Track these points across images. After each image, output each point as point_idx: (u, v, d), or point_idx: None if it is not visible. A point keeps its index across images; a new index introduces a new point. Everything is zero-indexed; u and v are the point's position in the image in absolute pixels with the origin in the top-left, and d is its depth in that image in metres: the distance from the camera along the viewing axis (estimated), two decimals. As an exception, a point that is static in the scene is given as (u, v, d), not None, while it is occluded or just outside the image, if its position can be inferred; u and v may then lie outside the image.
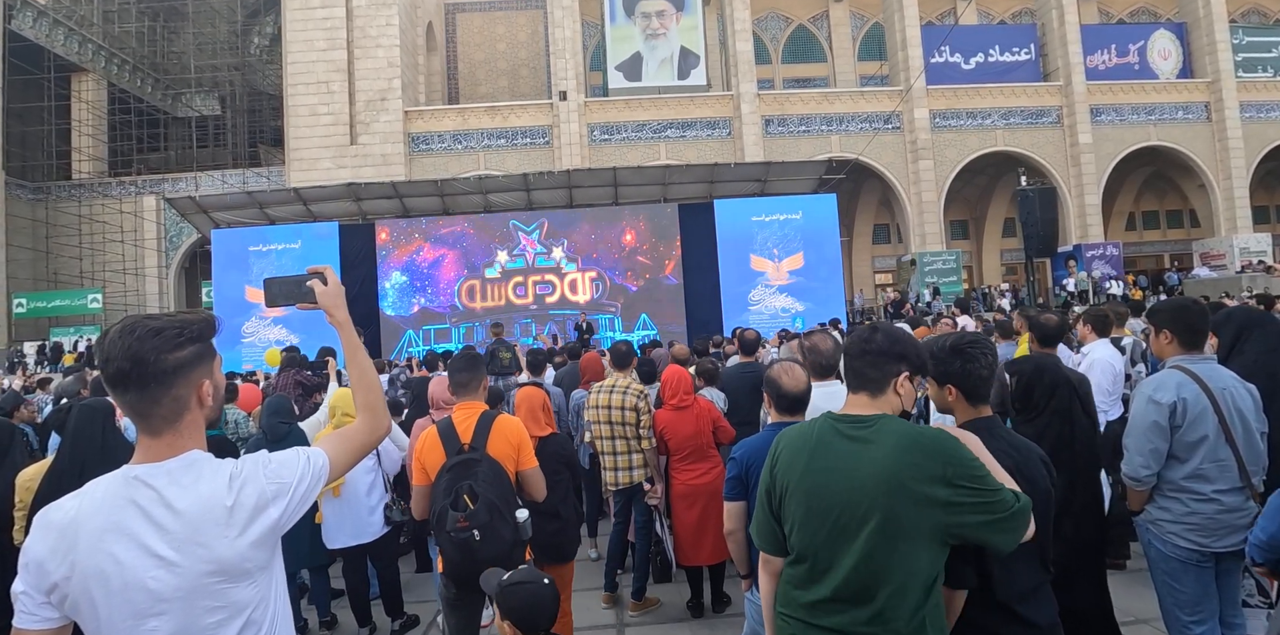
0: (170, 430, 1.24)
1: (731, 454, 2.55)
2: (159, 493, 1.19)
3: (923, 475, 1.56)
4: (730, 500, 2.49)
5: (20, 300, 23.27)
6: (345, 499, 4.08)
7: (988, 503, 1.57)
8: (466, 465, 2.69)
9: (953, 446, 1.61)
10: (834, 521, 1.62)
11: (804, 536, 1.67)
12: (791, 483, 1.71)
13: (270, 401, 4.58)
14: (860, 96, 25.10)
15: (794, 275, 16.42)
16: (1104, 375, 4.55)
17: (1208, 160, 25.43)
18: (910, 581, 1.57)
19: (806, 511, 1.67)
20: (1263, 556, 2.04)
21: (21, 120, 25.09)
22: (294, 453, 1.36)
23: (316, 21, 23.46)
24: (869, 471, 1.60)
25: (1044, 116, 25.06)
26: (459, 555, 2.59)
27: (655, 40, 25.11)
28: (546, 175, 16.81)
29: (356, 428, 1.52)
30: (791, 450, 1.75)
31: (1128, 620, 3.69)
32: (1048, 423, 2.51)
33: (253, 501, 1.24)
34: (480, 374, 3.04)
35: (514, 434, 2.85)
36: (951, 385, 1.96)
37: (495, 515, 2.59)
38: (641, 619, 4.23)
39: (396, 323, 16.51)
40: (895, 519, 1.56)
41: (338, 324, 1.57)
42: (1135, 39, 26.07)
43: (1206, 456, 2.46)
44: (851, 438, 1.67)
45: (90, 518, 1.17)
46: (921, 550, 1.57)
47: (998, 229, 30.51)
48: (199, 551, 1.18)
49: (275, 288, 1.60)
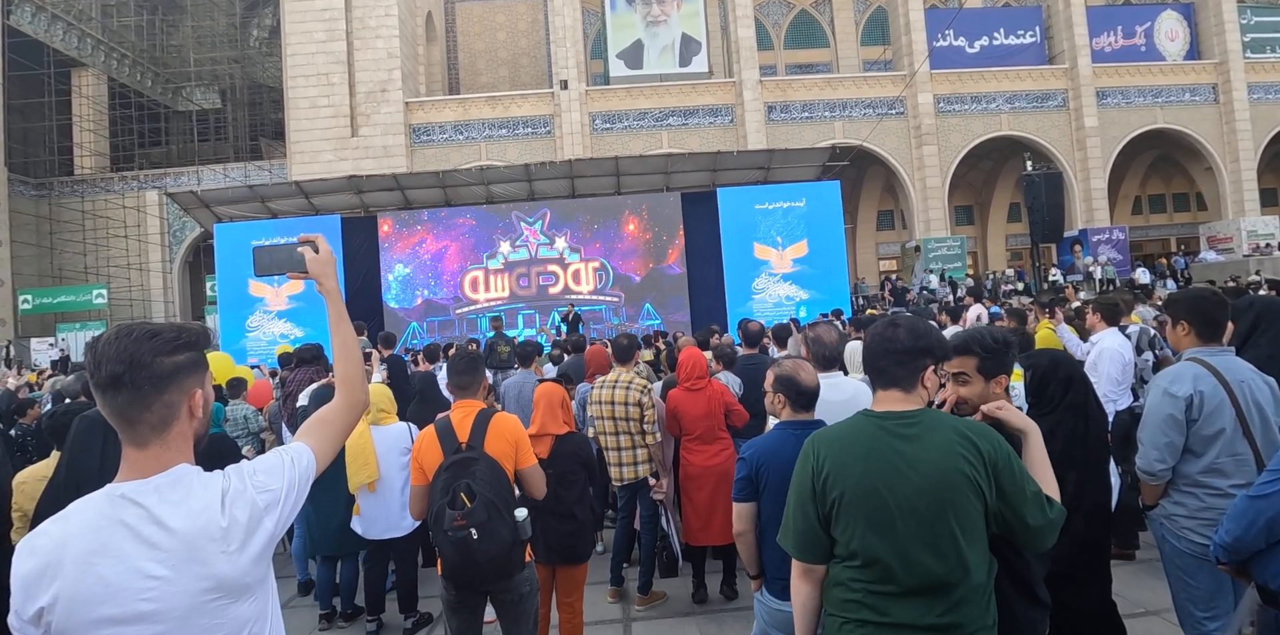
0: (158, 441, 1.20)
1: (740, 454, 2.50)
2: (148, 511, 1.15)
3: (977, 464, 1.62)
4: (741, 502, 2.43)
5: (26, 297, 23.32)
6: (380, 494, 4.10)
7: (1023, 492, 1.64)
8: (463, 464, 2.65)
9: (995, 435, 1.69)
10: (905, 521, 1.61)
11: (871, 540, 1.63)
12: (848, 489, 1.66)
13: (315, 392, 4.73)
14: (864, 82, 24.86)
15: (798, 263, 16.33)
16: (1113, 364, 4.50)
17: (1215, 142, 25.17)
18: (978, 569, 1.62)
19: (871, 515, 1.63)
20: (1227, 557, 2.03)
21: (23, 116, 25.05)
22: (277, 457, 1.32)
23: (315, 13, 23.30)
24: (929, 468, 1.62)
25: (1049, 100, 24.80)
26: (457, 555, 2.55)
27: (656, 27, 24.89)
28: (548, 165, 16.74)
29: (334, 407, 1.49)
30: (841, 455, 1.70)
31: (1138, 612, 3.67)
32: (1061, 418, 2.46)
33: (246, 516, 1.20)
34: (480, 375, 3.02)
35: (511, 432, 2.81)
36: (1004, 375, 2.06)
37: (493, 514, 2.55)
38: (648, 613, 4.22)
39: (400, 315, 16.51)
40: (964, 511, 1.61)
41: (326, 292, 1.55)
42: (1142, 20, 25.72)
43: (1223, 450, 2.41)
44: (903, 436, 1.66)
45: (75, 541, 1.12)
46: (984, 538, 1.64)
47: (1003, 214, 30.32)
48: (196, 569, 1.15)
49: (265, 257, 1.57)
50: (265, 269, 1.57)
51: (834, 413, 2.77)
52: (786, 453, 2.37)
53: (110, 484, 1.20)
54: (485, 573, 2.60)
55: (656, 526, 4.40)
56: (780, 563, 2.34)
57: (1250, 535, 1.93)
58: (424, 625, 4.28)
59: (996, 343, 2.08)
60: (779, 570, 2.35)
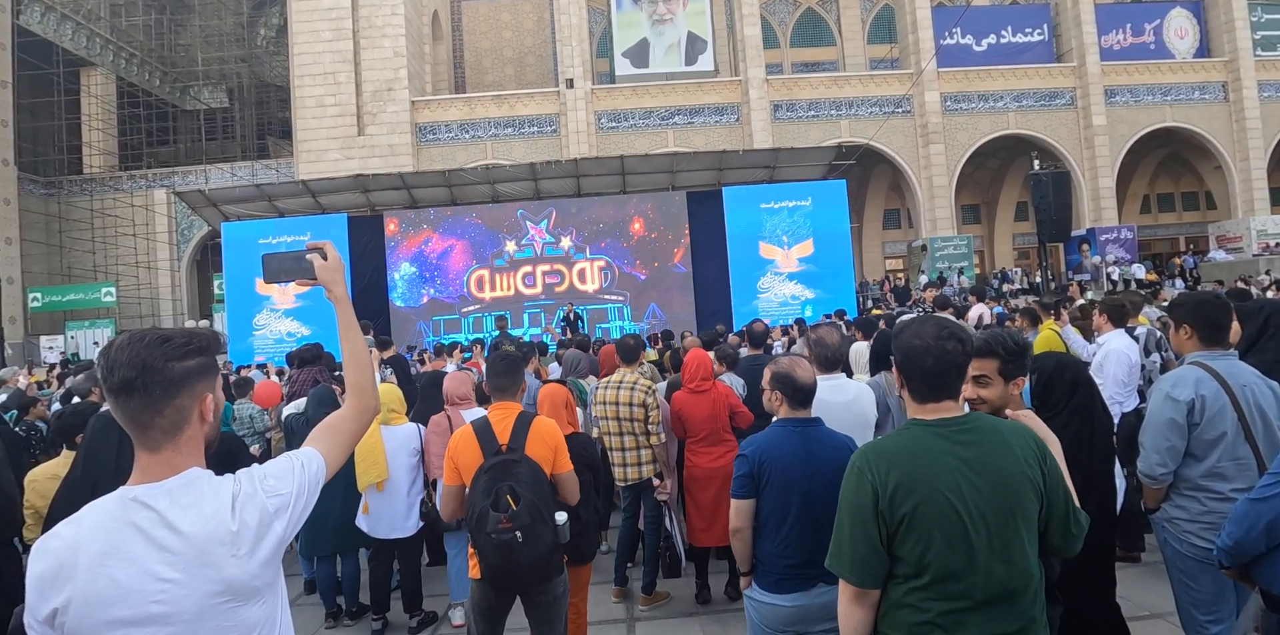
0: (170, 444, 1.22)
1: (740, 451, 2.48)
2: (160, 514, 1.17)
3: (1035, 464, 1.64)
4: (740, 498, 2.42)
5: (35, 295, 23.46)
6: (387, 493, 4.12)
7: (1067, 497, 1.67)
8: (506, 466, 2.63)
9: (1039, 439, 1.71)
10: (978, 531, 1.57)
11: (945, 554, 1.57)
12: (920, 503, 1.58)
13: (316, 392, 4.68)
14: (870, 80, 24.76)
15: (803, 262, 16.31)
16: (1119, 366, 4.49)
17: (1225, 141, 24.99)
18: (1039, 569, 1.64)
19: (946, 529, 1.57)
20: (1230, 561, 2.03)
21: (33, 115, 25.19)
22: (288, 461, 1.34)
23: (322, 12, 23.36)
24: (995, 475, 1.60)
25: (1057, 98, 24.67)
26: (500, 558, 2.52)
27: (662, 26, 24.86)
28: (554, 164, 16.76)
29: (345, 414, 1.51)
30: (905, 469, 1.61)
31: (1143, 614, 3.67)
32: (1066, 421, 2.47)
33: (256, 520, 1.22)
34: (519, 377, 2.99)
35: (551, 436, 2.80)
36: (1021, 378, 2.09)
37: (536, 517, 2.53)
38: (651, 613, 4.24)
39: (406, 314, 16.56)
40: (1028, 514, 1.62)
41: (335, 299, 1.56)
42: (1151, 18, 25.54)
43: (1225, 454, 2.41)
44: (964, 443, 1.63)
45: (88, 543, 1.14)
46: (1036, 540, 1.65)
47: (1010, 213, 30.18)
48: (206, 572, 1.17)
49: (274, 264, 1.58)
50: (275, 276, 1.58)
51: (835, 414, 2.79)
52: (787, 449, 2.40)
53: (123, 487, 1.22)
54: (527, 576, 2.59)
55: (660, 527, 4.42)
56: (775, 556, 2.36)
57: (1251, 538, 1.94)
58: (429, 624, 4.31)
59: (1017, 345, 2.09)
60: (773, 564, 2.36)
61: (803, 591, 2.33)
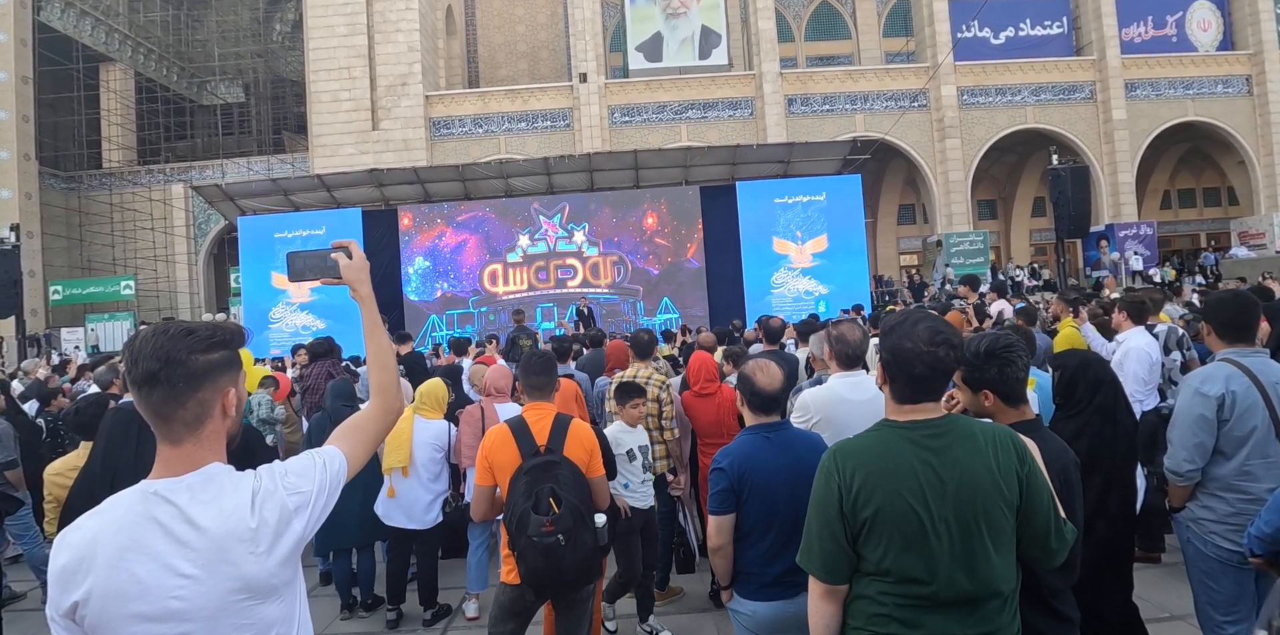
0: (191, 438, 1.22)
1: (716, 464, 2.36)
2: (180, 509, 1.17)
3: (1009, 471, 1.57)
4: (720, 514, 2.31)
5: (56, 288, 23.79)
6: (410, 482, 4.15)
7: (1050, 506, 1.59)
8: (546, 467, 2.58)
9: (1022, 443, 1.63)
10: (940, 539, 1.55)
11: (906, 558, 1.56)
12: (882, 507, 1.57)
13: (334, 385, 4.71)
14: (885, 74, 24.52)
15: (817, 258, 16.23)
16: (1139, 364, 4.43)
17: (1248, 135, 24.56)
18: (1008, 580, 1.58)
19: (906, 534, 1.56)
20: (1263, 548, 2.02)
21: (53, 110, 25.48)
22: (309, 459, 1.33)
23: (337, 7, 23.45)
24: (962, 482, 1.55)
25: (1076, 92, 24.33)
26: (543, 561, 2.47)
27: (676, 19, 24.75)
28: (567, 159, 16.73)
29: (369, 414, 1.50)
30: (871, 472, 1.60)
31: (1163, 616, 3.63)
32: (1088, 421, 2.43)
33: (275, 517, 1.22)
34: (554, 376, 2.95)
35: (589, 439, 2.77)
36: (988, 390, 1.92)
37: (578, 520, 2.50)
38: (664, 609, 4.24)
39: (420, 307, 16.66)
40: (996, 523, 1.56)
41: (360, 299, 1.55)
42: (1173, 10, 25.10)
43: (1254, 452, 2.37)
44: (933, 449, 1.59)
45: (109, 537, 1.14)
46: (1013, 546, 1.59)
47: (1027, 208, 29.86)
48: (225, 569, 1.16)
49: (299, 262, 1.57)
50: (299, 274, 1.57)
51: (855, 413, 2.75)
52: (765, 457, 2.32)
53: (144, 480, 1.22)
54: (569, 579, 2.56)
55: (674, 523, 4.41)
56: (760, 565, 2.29)
57: None
58: (443, 616, 4.34)
59: (976, 356, 1.95)
60: (759, 572, 2.29)
61: (786, 600, 2.26)
